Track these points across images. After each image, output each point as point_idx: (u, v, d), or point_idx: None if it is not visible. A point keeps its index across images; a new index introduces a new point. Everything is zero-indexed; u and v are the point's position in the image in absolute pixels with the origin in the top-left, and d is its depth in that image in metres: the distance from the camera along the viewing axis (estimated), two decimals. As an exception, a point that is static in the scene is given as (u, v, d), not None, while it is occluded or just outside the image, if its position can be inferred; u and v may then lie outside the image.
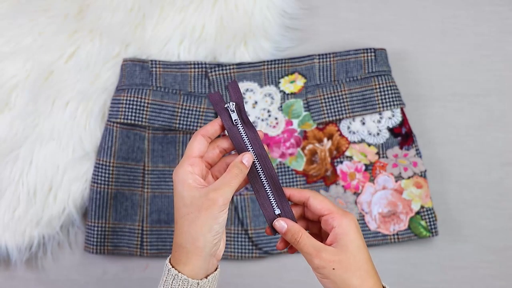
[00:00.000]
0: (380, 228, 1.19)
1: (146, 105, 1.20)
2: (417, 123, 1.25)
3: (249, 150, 0.82)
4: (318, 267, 0.77)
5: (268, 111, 1.22)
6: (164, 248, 1.20)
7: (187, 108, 1.21)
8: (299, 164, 1.21)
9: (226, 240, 1.17)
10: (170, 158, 1.22)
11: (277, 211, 0.82)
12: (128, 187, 1.21)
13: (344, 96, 1.20)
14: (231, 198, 0.80)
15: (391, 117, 1.21)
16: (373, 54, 1.21)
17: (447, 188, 1.24)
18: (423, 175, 1.19)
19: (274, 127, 1.21)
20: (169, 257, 0.81)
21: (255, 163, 0.82)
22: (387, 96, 1.20)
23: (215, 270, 0.82)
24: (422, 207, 1.18)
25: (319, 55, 1.22)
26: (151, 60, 1.22)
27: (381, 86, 1.20)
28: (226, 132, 0.83)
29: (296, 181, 1.21)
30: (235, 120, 0.82)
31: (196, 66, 1.22)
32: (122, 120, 1.19)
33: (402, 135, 1.21)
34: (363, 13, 1.31)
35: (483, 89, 1.28)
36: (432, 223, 1.18)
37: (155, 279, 1.20)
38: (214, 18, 1.26)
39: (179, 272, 0.78)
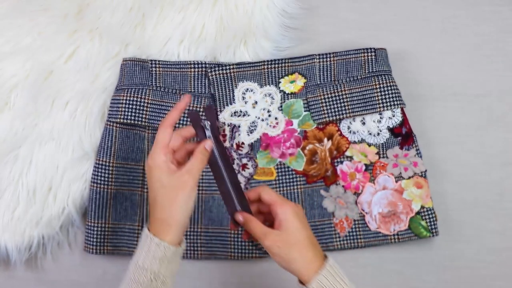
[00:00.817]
0: (380, 228, 1.19)
1: (146, 105, 1.19)
2: (417, 123, 1.25)
3: (219, 161, 1.00)
4: (268, 247, 0.94)
5: (268, 111, 1.22)
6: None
7: (187, 108, 1.20)
8: (299, 164, 1.21)
9: (226, 241, 1.19)
10: (170, 158, 1.22)
11: (238, 208, 0.98)
12: (127, 187, 1.20)
13: (344, 96, 1.20)
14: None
15: (391, 117, 1.21)
16: (373, 54, 1.21)
17: (447, 188, 1.24)
18: (423, 175, 1.19)
19: (274, 127, 1.21)
20: (146, 227, 0.94)
21: (222, 169, 0.99)
22: (387, 96, 1.20)
23: (182, 241, 0.97)
24: (422, 207, 1.18)
25: (319, 55, 1.22)
26: (151, 60, 1.22)
27: (381, 86, 1.20)
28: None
29: (296, 181, 1.21)
30: (208, 136, 0.99)
31: (196, 65, 1.22)
32: (122, 120, 1.19)
33: (403, 135, 1.21)
34: (363, 13, 1.31)
35: (483, 89, 1.28)
36: (432, 223, 1.18)
37: (154, 279, 1.20)
38: (214, 18, 1.26)
39: (161, 240, 0.92)
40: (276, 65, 1.22)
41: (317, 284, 0.92)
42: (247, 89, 1.22)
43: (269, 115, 1.22)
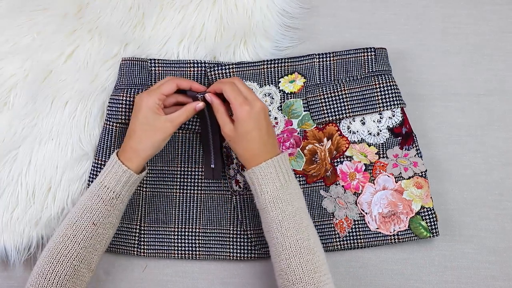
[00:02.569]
0: (380, 229, 1.18)
1: None
2: (418, 123, 1.25)
3: (208, 122, 1.16)
4: (225, 136, 1.09)
5: (268, 111, 1.21)
6: (161, 248, 1.20)
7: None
8: (299, 164, 1.21)
9: (224, 241, 1.20)
10: (168, 158, 1.22)
11: (212, 165, 1.19)
12: (126, 187, 1.20)
13: (344, 96, 1.20)
14: (232, 198, 1.17)
15: (391, 117, 1.20)
16: (373, 53, 1.21)
17: (448, 188, 1.24)
18: (423, 175, 1.19)
19: (273, 126, 1.21)
20: (116, 152, 1.10)
21: (209, 129, 1.17)
22: (387, 96, 1.19)
23: (143, 171, 1.12)
24: (422, 207, 1.18)
25: (318, 54, 1.21)
26: (151, 59, 1.22)
27: (381, 85, 1.20)
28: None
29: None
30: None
31: (196, 65, 1.22)
32: (122, 120, 1.18)
33: (403, 135, 1.20)
34: (364, 12, 1.31)
35: (484, 89, 1.28)
36: (432, 223, 1.17)
37: (154, 279, 1.21)
38: (214, 17, 1.26)
39: (128, 168, 1.07)
40: (276, 65, 1.21)
41: (250, 173, 1.06)
42: (247, 89, 1.22)
43: (269, 115, 1.21)
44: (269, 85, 1.22)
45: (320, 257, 1.03)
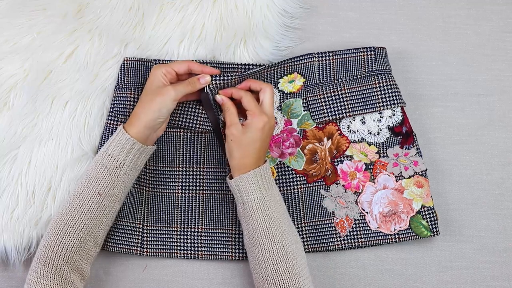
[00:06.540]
0: (381, 228, 1.18)
1: None
2: (418, 123, 1.25)
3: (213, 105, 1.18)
4: (226, 134, 1.13)
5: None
6: (164, 248, 1.20)
7: (188, 105, 1.20)
8: (299, 164, 1.21)
9: (226, 241, 1.20)
10: (170, 158, 1.22)
11: None
12: (128, 186, 1.20)
13: (344, 95, 1.20)
14: (233, 198, 1.17)
15: (391, 116, 1.20)
16: (372, 52, 1.21)
17: (448, 189, 1.24)
18: (424, 174, 1.19)
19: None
20: (123, 124, 1.12)
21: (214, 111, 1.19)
22: (387, 95, 1.19)
23: (149, 146, 1.13)
24: (423, 206, 1.18)
25: (318, 53, 1.21)
26: (154, 60, 1.22)
27: (381, 84, 1.20)
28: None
29: (296, 180, 1.20)
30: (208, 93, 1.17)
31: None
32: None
33: (403, 134, 1.20)
34: (364, 12, 1.31)
35: (484, 89, 1.28)
36: (433, 222, 1.17)
37: (154, 279, 1.20)
38: (214, 17, 1.26)
39: (129, 135, 1.09)
40: (275, 67, 1.21)
41: (237, 180, 1.10)
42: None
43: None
44: (269, 86, 1.22)
45: (302, 261, 1.08)
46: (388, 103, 1.19)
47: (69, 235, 1.05)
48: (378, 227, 1.18)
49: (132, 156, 1.10)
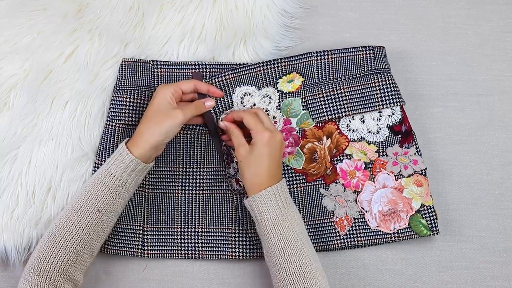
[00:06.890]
0: (380, 227, 1.18)
1: None
2: (418, 123, 1.25)
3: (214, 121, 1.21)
4: (236, 156, 1.13)
5: (266, 111, 1.22)
6: (165, 249, 1.19)
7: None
8: (299, 163, 1.21)
9: (227, 240, 1.20)
10: (171, 158, 1.22)
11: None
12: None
13: (343, 94, 1.20)
14: (233, 199, 1.20)
15: (391, 115, 1.20)
16: (371, 51, 1.21)
17: (448, 188, 1.24)
18: (423, 173, 1.19)
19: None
20: (125, 141, 1.11)
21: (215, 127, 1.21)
22: (387, 94, 1.19)
23: (150, 163, 1.13)
24: (422, 205, 1.18)
25: (316, 52, 1.21)
26: (152, 61, 1.22)
27: (380, 83, 1.20)
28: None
29: (296, 179, 1.20)
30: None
31: (197, 66, 1.22)
32: (126, 121, 1.18)
33: (402, 133, 1.20)
34: (364, 12, 1.31)
35: (484, 89, 1.28)
36: (433, 221, 1.17)
37: (154, 279, 1.20)
38: (214, 17, 1.26)
39: (135, 157, 1.09)
40: (273, 66, 1.21)
41: (250, 200, 1.10)
42: (245, 93, 1.22)
43: (267, 115, 1.21)
44: (267, 87, 1.22)
45: (322, 281, 1.05)
46: (388, 101, 1.19)
47: (65, 249, 1.05)
48: (377, 226, 1.18)
49: (134, 175, 1.10)
